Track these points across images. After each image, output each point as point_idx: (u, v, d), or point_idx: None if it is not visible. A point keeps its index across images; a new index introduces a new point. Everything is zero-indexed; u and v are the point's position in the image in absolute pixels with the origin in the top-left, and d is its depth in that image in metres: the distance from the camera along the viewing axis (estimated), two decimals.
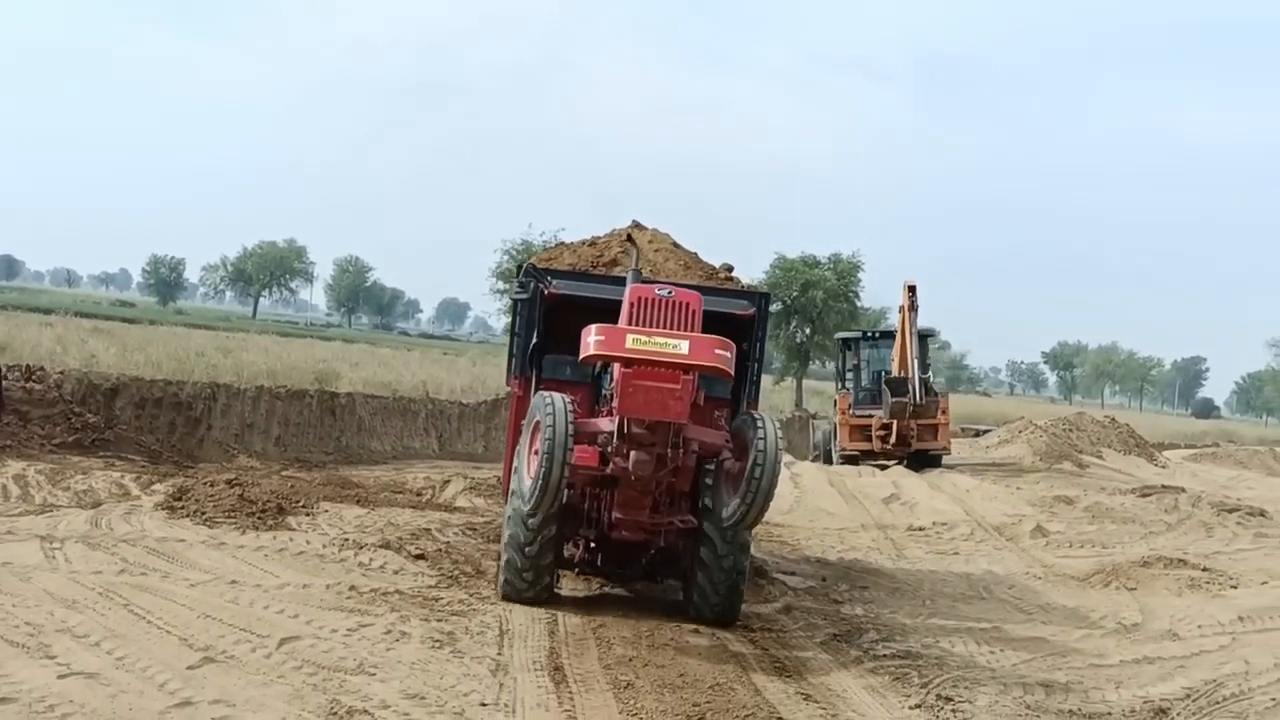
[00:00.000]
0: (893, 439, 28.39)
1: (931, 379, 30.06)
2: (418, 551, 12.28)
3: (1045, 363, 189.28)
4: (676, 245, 14.16)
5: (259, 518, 13.46)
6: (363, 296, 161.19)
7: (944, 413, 29.18)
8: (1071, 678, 9.88)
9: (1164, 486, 26.16)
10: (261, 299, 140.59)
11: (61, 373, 22.13)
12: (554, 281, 11.69)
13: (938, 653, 10.35)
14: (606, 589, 12.00)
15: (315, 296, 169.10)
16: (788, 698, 8.44)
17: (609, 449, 9.76)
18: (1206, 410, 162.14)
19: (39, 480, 16.38)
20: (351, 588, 10.31)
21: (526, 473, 9.83)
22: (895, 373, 28.38)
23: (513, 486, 10.72)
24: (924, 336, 29.67)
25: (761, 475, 9.41)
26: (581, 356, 9.71)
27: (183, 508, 13.73)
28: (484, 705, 7.47)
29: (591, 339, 9.47)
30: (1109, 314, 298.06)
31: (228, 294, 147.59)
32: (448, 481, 21.09)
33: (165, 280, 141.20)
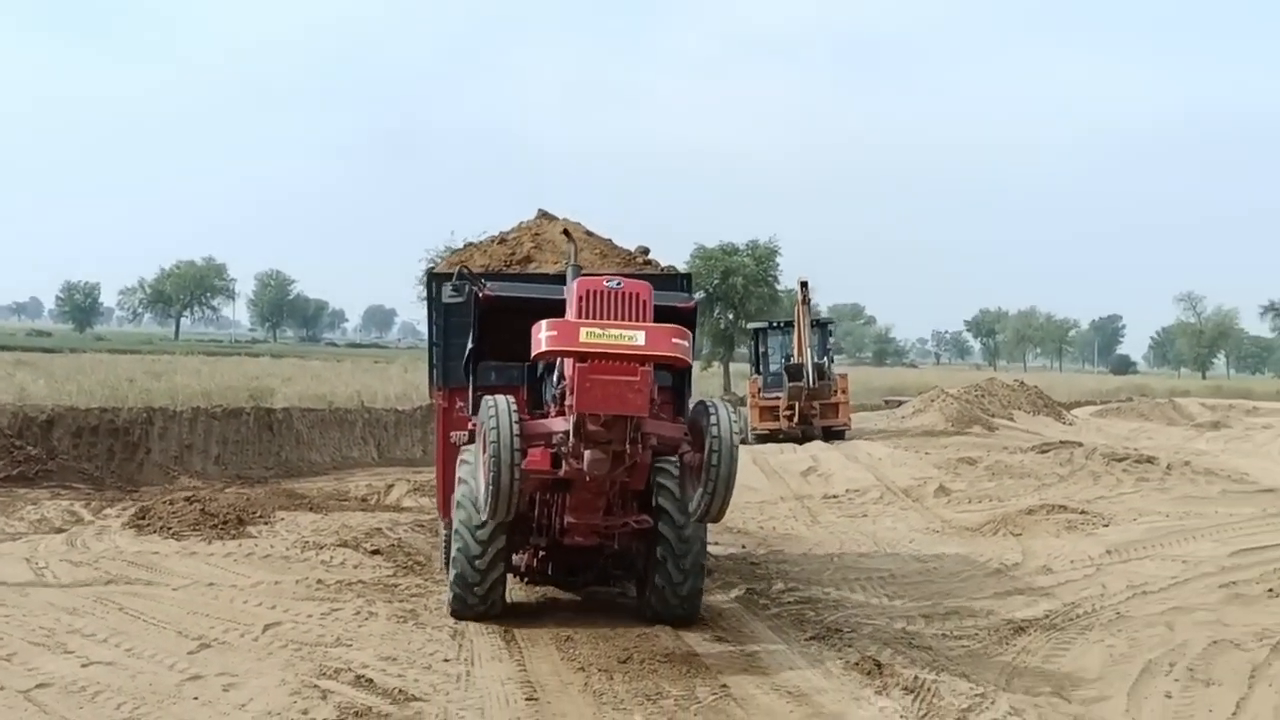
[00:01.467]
0: (796, 418, 31.29)
1: (828, 364, 32.92)
2: (373, 548, 13.62)
3: (968, 330, 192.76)
4: (590, 233, 14.09)
5: (221, 528, 14.69)
6: (286, 310, 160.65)
7: (843, 392, 32.59)
8: (950, 609, 11.46)
9: (1062, 442, 28.00)
10: (182, 319, 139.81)
11: None
12: (488, 284, 11.17)
13: (836, 597, 11.89)
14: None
15: (237, 313, 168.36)
16: (704, 640, 9.93)
17: (563, 449, 9.48)
18: (1123, 367, 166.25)
19: None
20: (319, 581, 11.64)
21: (481, 482, 9.50)
22: (796, 360, 31.11)
23: (456, 498, 10.46)
24: (823, 325, 33.95)
25: (720, 463, 9.27)
26: (533, 354, 9.46)
27: (149, 525, 14.92)
28: (447, 661, 8.89)
29: (543, 335, 9.21)
30: (1027, 279, 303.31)
31: (145, 316, 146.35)
32: (391, 486, 22.30)
33: (80, 306, 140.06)
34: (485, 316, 11.09)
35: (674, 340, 9.26)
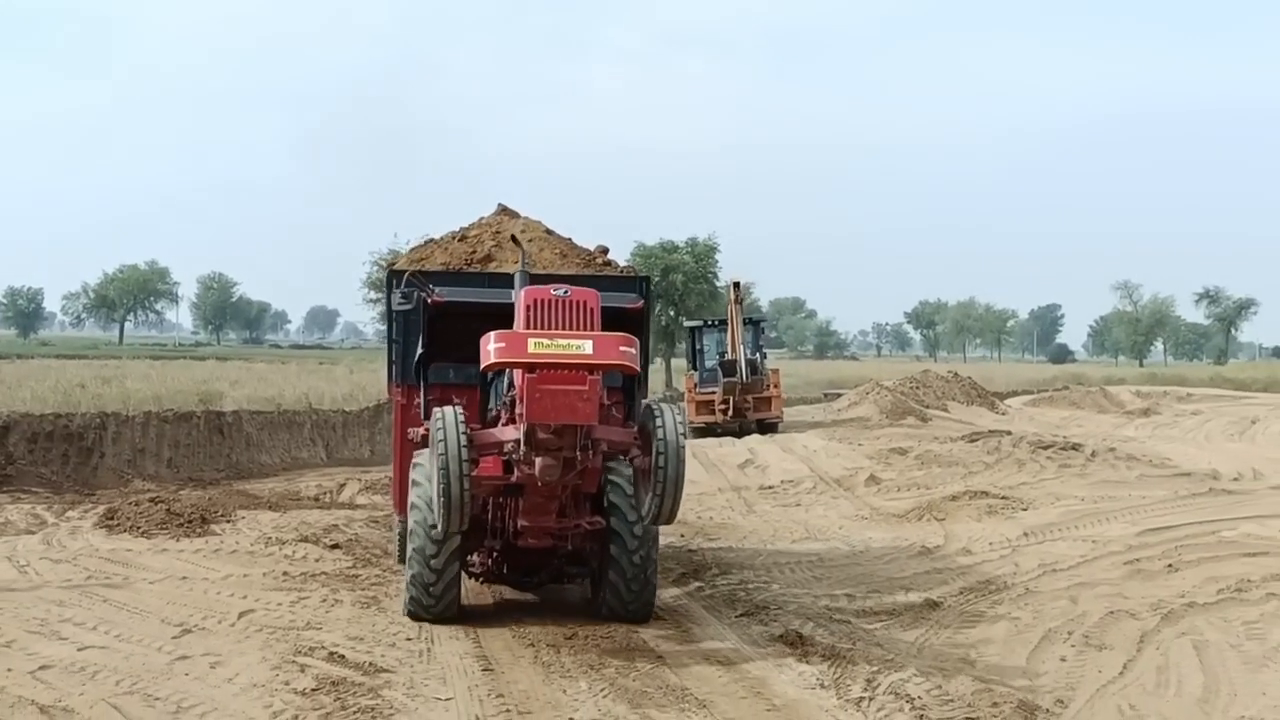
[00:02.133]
0: (730, 412, 32.82)
1: (761, 360, 34.75)
2: (332, 542, 14.36)
3: (908, 322, 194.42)
4: (550, 232, 14.15)
5: (187, 527, 15.34)
6: (229, 312, 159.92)
7: (775, 386, 34.38)
8: (872, 588, 12.41)
9: (991, 431, 29.08)
10: (125, 323, 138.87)
11: None
12: (436, 289, 11.37)
13: (766, 579, 12.81)
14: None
15: (180, 316, 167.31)
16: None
17: (514, 457, 9.62)
18: (1061, 356, 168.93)
19: None
20: (284, 573, 12.40)
21: (433, 493, 9.59)
22: (730, 356, 32.53)
23: (411, 498, 10.63)
24: (755, 323, 36.22)
25: (667, 465, 9.36)
26: (483, 365, 9.53)
27: (118, 524, 15.54)
28: (409, 639, 9.73)
29: (492, 346, 9.31)
30: (967, 271, 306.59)
31: (88, 321, 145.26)
32: (343, 485, 23.01)
33: (24, 312, 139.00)
34: (436, 319, 11.26)
35: (621, 348, 9.36)
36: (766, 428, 32.59)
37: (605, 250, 14.05)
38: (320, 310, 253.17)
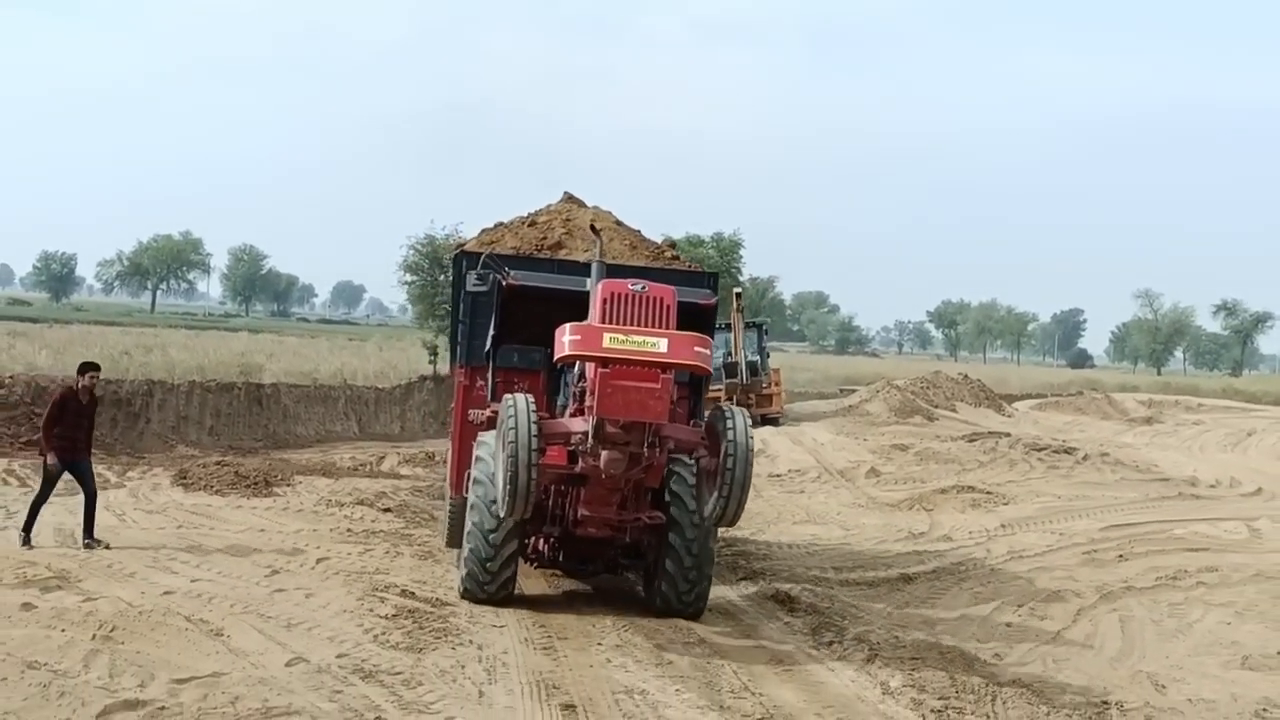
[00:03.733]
0: None
1: (761, 361, 37.37)
2: (384, 507, 16.26)
3: (930, 321, 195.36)
4: (620, 223, 14.24)
5: (254, 487, 17.30)
6: (259, 285, 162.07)
7: (776, 385, 37.63)
8: (857, 564, 14.24)
9: (990, 432, 30.79)
10: (156, 292, 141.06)
11: (11, 377, 24.53)
12: (512, 272, 11.37)
13: (765, 552, 14.69)
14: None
15: (211, 287, 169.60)
16: None
17: (581, 448, 9.70)
18: (1081, 360, 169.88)
19: (27, 473, 19.11)
20: (348, 530, 14.31)
21: (499, 478, 9.67)
22: (733, 358, 35.00)
23: (474, 474, 10.71)
24: (758, 326, 39.23)
25: (735, 467, 9.38)
26: (556, 357, 9.64)
27: (193, 484, 17.49)
28: None
29: (566, 339, 9.36)
30: (991, 272, 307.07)
31: (116, 288, 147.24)
32: (383, 457, 24.92)
33: (57, 276, 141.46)
34: (509, 302, 11.33)
35: (695, 348, 9.41)
36: (768, 421, 34.77)
37: (672, 244, 14.28)
38: (347, 285, 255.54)
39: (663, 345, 9.25)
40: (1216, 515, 18.12)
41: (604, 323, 9.51)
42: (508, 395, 9.78)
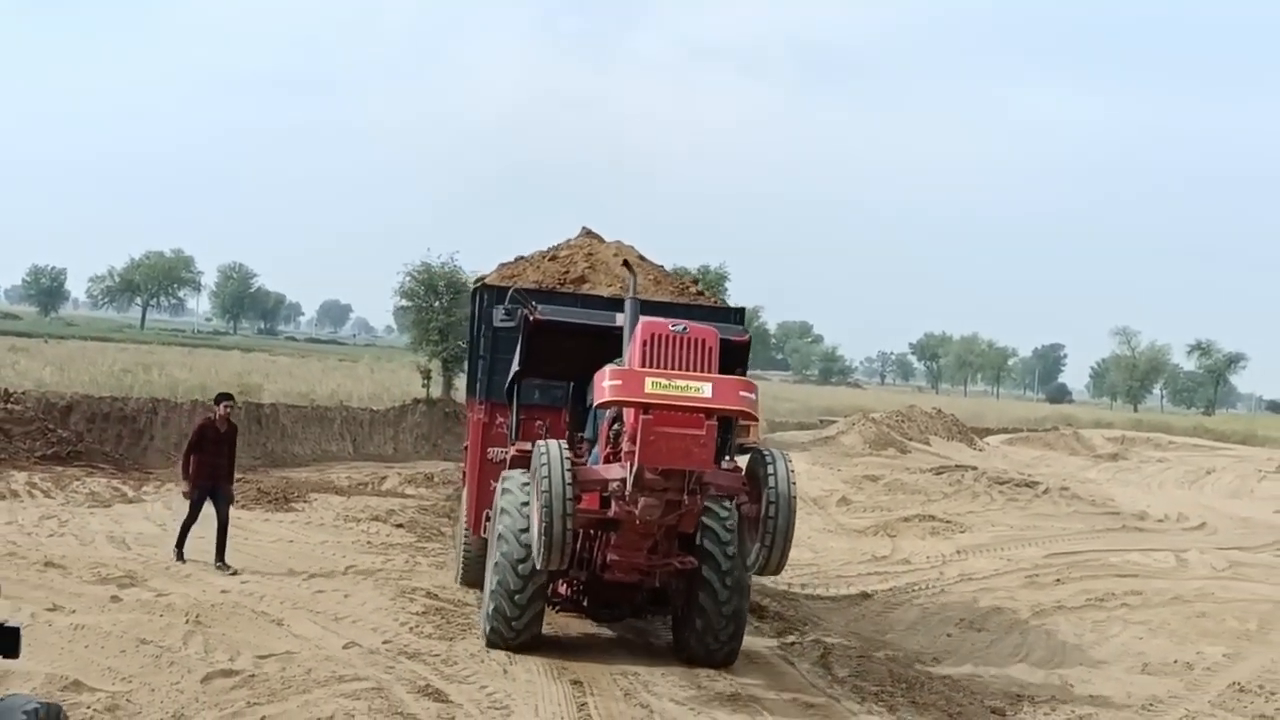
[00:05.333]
0: None
1: None
2: (397, 523, 17.89)
3: (913, 353, 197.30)
4: (643, 258, 14.02)
5: (275, 503, 18.92)
6: (247, 302, 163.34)
7: None
8: (822, 581, 15.95)
9: (957, 465, 32.56)
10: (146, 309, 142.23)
11: (24, 393, 25.61)
12: (539, 307, 10.93)
13: None
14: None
15: (200, 304, 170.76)
16: None
17: (616, 494, 9.35)
18: (1059, 395, 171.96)
19: (48, 486, 20.35)
20: (368, 542, 15.96)
21: (533, 528, 9.38)
22: None
23: (498, 529, 10.48)
24: None
25: (778, 515, 9.21)
26: (597, 402, 9.26)
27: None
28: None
29: (607, 383, 8.98)
30: (973, 305, 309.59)
31: (103, 303, 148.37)
32: (384, 477, 26.48)
33: (47, 290, 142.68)
34: (533, 338, 10.91)
35: (741, 393, 9.02)
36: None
37: (696, 280, 13.93)
38: (333, 304, 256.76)
39: (707, 390, 8.87)
40: (1152, 546, 19.88)
41: (644, 365, 9.15)
42: (540, 442, 9.51)
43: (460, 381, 38.73)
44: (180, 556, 13.57)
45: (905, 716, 9.49)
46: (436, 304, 39.40)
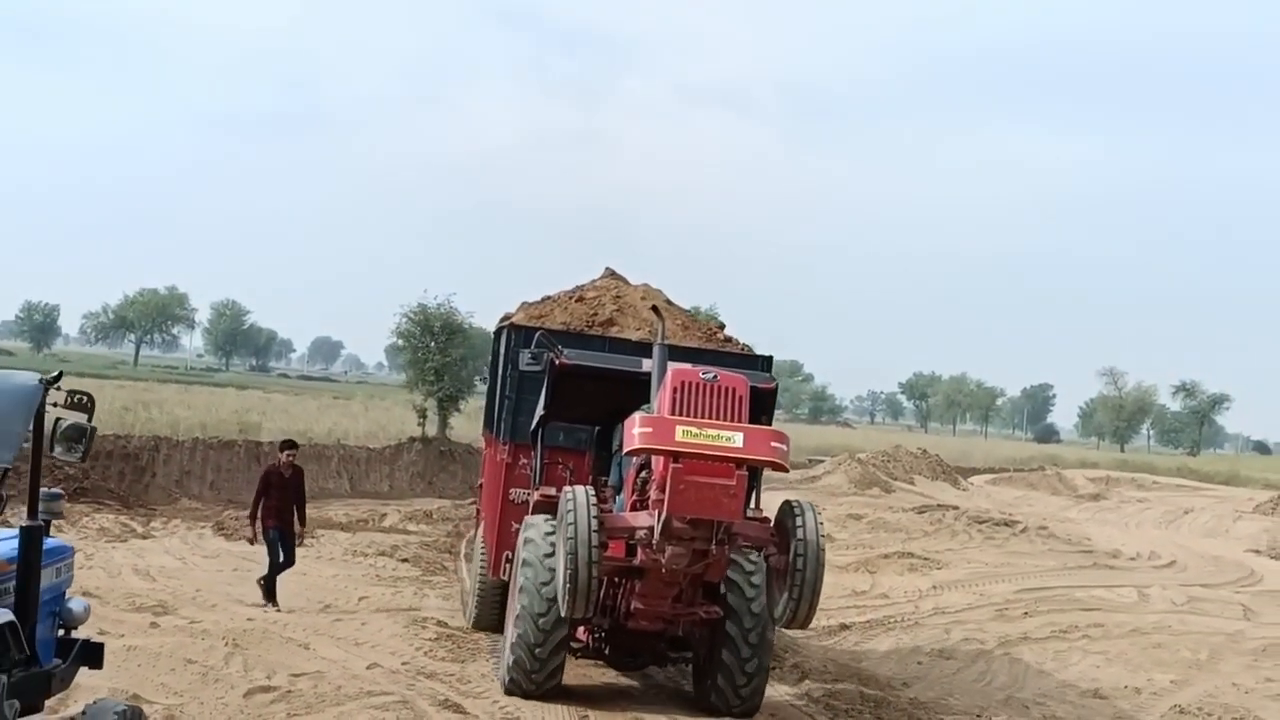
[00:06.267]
0: None
1: None
2: (403, 557, 18.90)
3: (902, 392, 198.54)
4: (670, 302, 14.05)
5: None
6: (239, 339, 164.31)
7: None
8: None
9: (939, 505, 33.66)
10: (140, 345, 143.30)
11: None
12: (565, 351, 10.95)
13: None
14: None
15: (193, 341, 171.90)
16: None
17: (644, 543, 9.31)
18: (1047, 435, 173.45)
19: (60, 522, 21.48)
20: (376, 575, 16.97)
21: (559, 576, 9.41)
22: None
23: (520, 582, 10.39)
24: None
25: (805, 568, 9.19)
26: (626, 449, 9.17)
27: (231, 534, 20.10)
28: None
29: (637, 430, 8.92)
30: (963, 345, 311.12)
31: (94, 339, 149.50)
32: (384, 514, 27.43)
33: (40, 326, 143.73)
34: (559, 381, 10.93)
35: (773, 444, 8.95)
36: None
37: (722, 325, 14.11)
38: (325, 341, 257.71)
39: (738, 440, 8.80)
40: (1120, 583, 20.92)
41: (673, 413, 9.10)
42: (567, 488, 9.61)
43: (457, 420, 39.82)
44: (274, 602, 14.10)
45: None
46: (432, 344, 40.40)
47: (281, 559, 14.45)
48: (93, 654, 7.02)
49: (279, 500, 14.58)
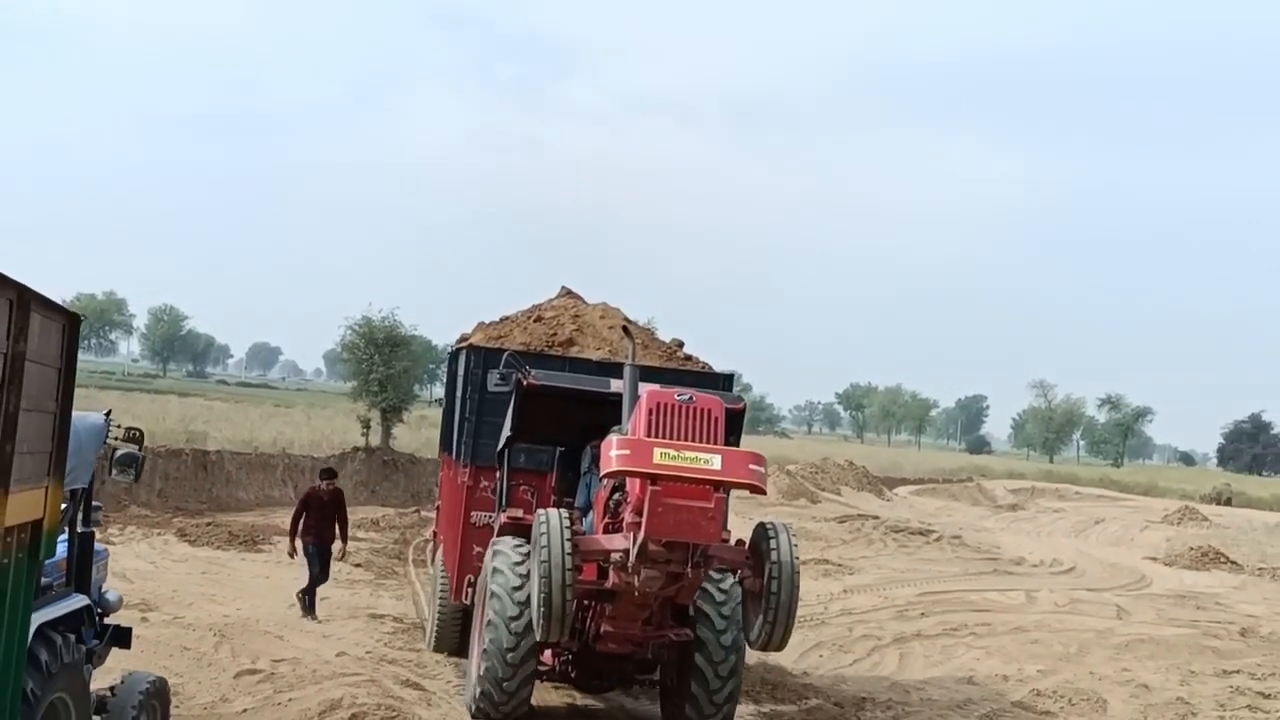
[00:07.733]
0: None
1: None
2: (356, 562, 20.43)
3: (839, 403, 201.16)
4: (628, 320, 14.15)
5: (244, 545, 21.42)
6: (177, 345, 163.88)
7: None
8: None
9: (860, 515, 35.63)
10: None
11: None
12: (534, 372, 10.88)
13: None
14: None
15: (130, 347, 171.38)
16: None
17: (617, 566, 9.15)
18: (979, 446, 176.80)
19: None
20: (334, 578, 18.43)
21: (533, 601, 9.28)
22: None
23: (492, 588, 10.29)
24: None
25: (779, 590, 9.15)
26: (604, 471, 9.03)
27: (196, 540, 21.57)
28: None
29: (614, 453, 8.74)
30: (900, 356, 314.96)
31: None
32: None
33: None
34: (526, 402, 10.87)
35: (751, 466, 8.77)
36: None
37: (680, 344, 13.95)
38: (262, 347, 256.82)
39: (716, 462, 8.62)
40: (1013, 587, 22.91)
41: (649, 435, 8.95)
42: (540, 511, 9.58)
43: (400, 430, 41.14)
44: (313, 615, 15.09)
45: (766, 706, 12.29)
46: (376, 356, 41.56)
47: (318, 570, 15.53)
48: (123, 637, 8.64)
49: (317, 520, 15.69)
